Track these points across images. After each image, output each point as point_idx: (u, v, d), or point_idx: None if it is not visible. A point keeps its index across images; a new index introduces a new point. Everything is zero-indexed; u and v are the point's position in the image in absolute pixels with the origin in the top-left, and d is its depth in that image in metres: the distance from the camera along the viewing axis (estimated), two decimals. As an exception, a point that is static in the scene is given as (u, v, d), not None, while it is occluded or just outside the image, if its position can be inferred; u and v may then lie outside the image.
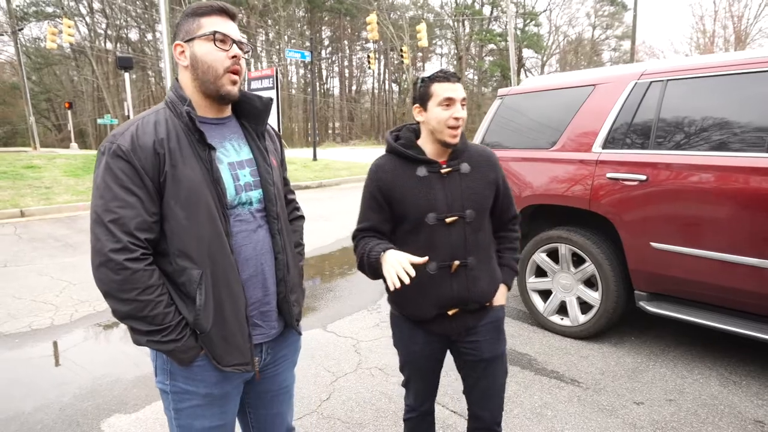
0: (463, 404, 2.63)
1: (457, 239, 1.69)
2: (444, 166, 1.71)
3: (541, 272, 3.84)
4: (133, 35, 48.47)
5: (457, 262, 1.69)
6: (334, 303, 4.60)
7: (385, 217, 1.74)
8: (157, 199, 1.28)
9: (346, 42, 56.35)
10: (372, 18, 19.13)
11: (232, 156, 1.41)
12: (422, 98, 1.68)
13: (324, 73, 58.81)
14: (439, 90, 1.64)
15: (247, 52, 1.41)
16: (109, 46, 45.43)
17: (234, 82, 1.35)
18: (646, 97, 3.28)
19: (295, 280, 1.54)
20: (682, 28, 67.95)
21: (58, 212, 9.54)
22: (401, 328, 1.85)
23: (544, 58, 49.15)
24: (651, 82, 3.28)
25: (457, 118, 1.63)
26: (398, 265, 1.46)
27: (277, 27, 48.59)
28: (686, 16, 51.03)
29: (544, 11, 47.64)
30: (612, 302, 3.40)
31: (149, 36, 46.66)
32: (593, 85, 3.57)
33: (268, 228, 1.45)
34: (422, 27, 20.34)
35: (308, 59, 17.19)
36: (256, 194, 1.43)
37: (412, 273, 1.44)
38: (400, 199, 1.69)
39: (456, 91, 1.64)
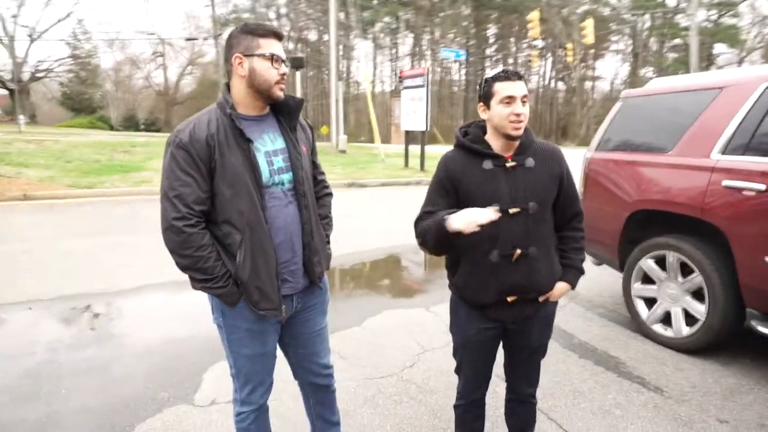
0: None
1: (519, 230, 1.78)
2: (509, 160, 1.79)
3: (647, 279, 3.72)
4: (312, 36, 53.27)
5: (518, 251, 1.78)
6: (442, 289, 4.90)
7: (450, 202, 1.83)
8: (208, 180, 1.65)
9: (512, 39, 55.23)
10: (533, 15, 18.72)
11: (269, 146, 1.76)
12: (486, 97, 1.78)
13: (487, 71, 58.30)
14: (500, 88, 1.73)
15: (288, 66, 1.78)
16: (291, 46, 50.48)
17: (282, 89, 1.73)
18: (778, 101, 3.03)
19: (318, 246, 1.88)
20: None
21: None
22: (459, 312, 1.97)
23: (743, 54, 42.88)
24: (786, 84, 3.02)
25: (517, 114, 1.71)
26: (473, 212, 1.63)
27: (442, 26, 49.45)
28: None
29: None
30: (719, 318, 3.21)
31: (325, 37, 50.73)
32: (720, 87, 3.36)
33: (297, 204, 1.80)
34: (589, 23, 19.31)
35: (463, 58, 17.48)
36: (287, 176, 1.77)
37: (491, 216, 1.61)
38: (467, 191, 1.80)
39: (516, 89, 1.71)
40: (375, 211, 9.56)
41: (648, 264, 3.65)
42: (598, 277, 5.00)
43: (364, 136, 38.58)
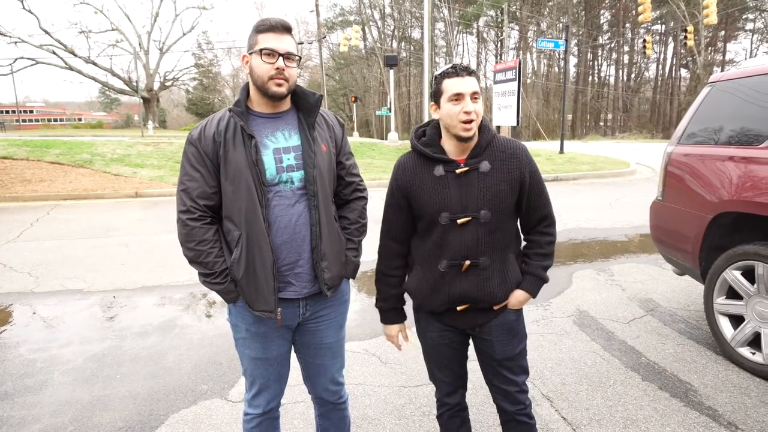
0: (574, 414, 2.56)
1: (470, 239, 1.69)
2: (461, 165, 1.69)
3: (733, 293, 3.19)
4: (416, 34, 53.40)
5: (467, 262, 1.70)
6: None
7: (405, 217, 1.80)
8: (216, 176, 1.66)
9: (628, 25, 51.30)
10: (645, -3, 17.12)
11: (281, 143, 1.70)
12: (435, 95, 1.69)
13: (599, 60, 54.86)
14: (449, 86, 1.62)
15: (297, 59, 1.69)
16: (395, 45, 51.07)
17: (279, 85, 1.64)
18: None
19: (327, 249, 1.76)
20: None
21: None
22: (419, 318, 1.93)
23: None
24: None
25: (467, 112, 1.60)
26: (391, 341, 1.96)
27: (550, 15, 47.21)
28: None
29: None
30: (819, 343, 2.66)
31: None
32: (828, 65, 2.78)
33: (306, 203, 1.72)
34: (711, 1, 17.32)
35: (562, 48, 16.45)
36: (297, 175, 1.69)
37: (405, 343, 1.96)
38: (416, 198, 1.73)
39: (465, 85, 1.60)
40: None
41: (733, 275, 3.13)
42: (686, 288, 4.42)
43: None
